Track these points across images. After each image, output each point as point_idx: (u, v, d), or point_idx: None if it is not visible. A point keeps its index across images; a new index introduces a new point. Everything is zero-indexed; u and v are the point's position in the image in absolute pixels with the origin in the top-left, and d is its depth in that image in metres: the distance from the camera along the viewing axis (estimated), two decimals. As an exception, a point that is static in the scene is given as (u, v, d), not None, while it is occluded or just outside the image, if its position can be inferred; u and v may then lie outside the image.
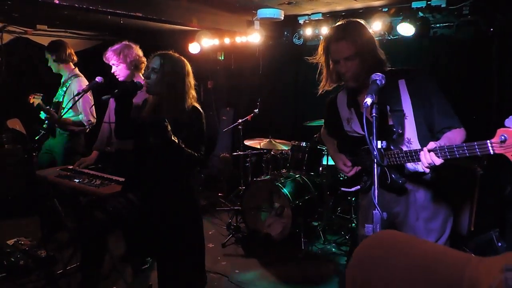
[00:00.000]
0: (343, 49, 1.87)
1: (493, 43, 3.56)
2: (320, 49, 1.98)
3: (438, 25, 3.85)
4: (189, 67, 2.44)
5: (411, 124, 1.87)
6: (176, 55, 2.44)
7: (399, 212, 1.97)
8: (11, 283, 3.03)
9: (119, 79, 3.05)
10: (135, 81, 2.53)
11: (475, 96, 3.69)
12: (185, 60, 2.45)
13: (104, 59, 3.05)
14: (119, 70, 3.02)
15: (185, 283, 2.51)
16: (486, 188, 2.99)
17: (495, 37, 3.55)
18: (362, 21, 1.95)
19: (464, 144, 1.51)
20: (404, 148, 1.86)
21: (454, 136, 1.79)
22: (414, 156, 1.74)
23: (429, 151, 1.60)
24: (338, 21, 2.02)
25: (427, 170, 1.69)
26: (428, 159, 1.61)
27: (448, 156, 1.56)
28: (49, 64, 3.73)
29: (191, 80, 2.43)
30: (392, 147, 1.88)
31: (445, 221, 1.97)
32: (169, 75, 2.33)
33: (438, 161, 1.58)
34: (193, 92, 2.43)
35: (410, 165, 1.90)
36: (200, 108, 2.44)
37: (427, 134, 1.87)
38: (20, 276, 3.09)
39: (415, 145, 1.87)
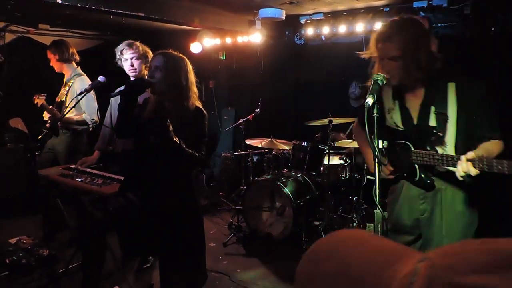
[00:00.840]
0: (388, 49, 1.86)
1: (494, 42, 3.57)
2: (372, 43, 1.96)
3: (439, 24, 3.85)
4: (190, 65, 2.45)
5: (451, 129, 1.86)
6: (176, 53, 2.45)
7: (425, 209, 1.97)
8: (13, 281, 3.05)
9: (134, 74, 3.07)
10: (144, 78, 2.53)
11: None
12: (185, 57, 2.46)
13: (117, 54, 3.04)
14: (137, 65, 3.05)
15: (186, 282, 2.52)
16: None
17: (496, 37, 3.55)
18: (417, 18, 1.93)
19: (505, 162, 1.51)
20: (440, 151, 1.86)
21: (493, 148, 1.77)
22: (451, 161, 1.74)
23: (468, 160, 1.60)
24: (394, 17, 1.99)
25: (461, 178, 1.68)
26: (464, 168, 1.60)
27: (486, 169, 1.56)
28: (51, 64, 3.74)
29: (193, 77, 2.44)
30: (427, 147, 1.88)
31: (468, 225, 1.94)
32: (173, 72, 2.34)
33: (474, 171, 1.58)
34: (195, 89, 2.44)
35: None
36: (203, 109, 2.45)
37: (464, 140, 1.86)
38: (22, 275, 3.10)
39: (450, 149, 1.86)
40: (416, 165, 1.93)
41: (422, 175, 1.91)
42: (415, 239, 2.08)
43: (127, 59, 3.03)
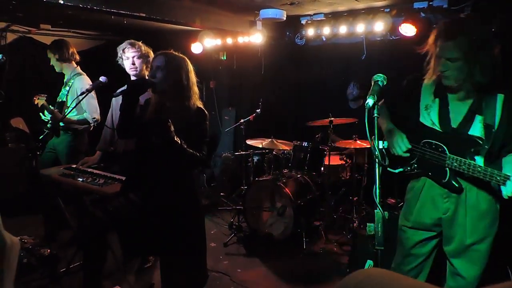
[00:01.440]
0: (449, 49, 1.80)
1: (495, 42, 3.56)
2: (431, 39, 1.90)
3: (440, 25, 3.86)
4: (190, 65, 2.46)
5: (492, 141, 1.83)
6: (177, 53, 2.46)
7: (448, 208, 1.97)
8: (15, 281, 3.05)
9: (135, 72, 3.09)
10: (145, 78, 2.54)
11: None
12: (185, 57, 2.47)
13: (119, 53, 3.06)
14: (138, 64, 3.07)
15: (187, 282, 2.53)
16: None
17: (497, 37, 3.55)
18: (481, 20, 1.88)
19: None
20: (471, 161, 1.83)
21: None
22: (497, 178, 1.72)
23: None
24: (459, 14, 1.94)
25: (506, 197, 1.68)
26: None
27: None
28: (51, 63, 3.75)
29: (194, 77, 2.46)
30: (465, 156, 1.85)
31: (491, 224, 1.95)
32: (174, 72, 2.35)
33: None
34: (196, 89, 2.46)
35: None
36: (204, 109, 2.46)
37: (495, 152, 1.85)
38: (23, 274, 3.11)
39: (479, 159, 1.85)
40: (447, 168, 1.90)
41: (452, 179, 1.90)
42: (434, 236, 2.08)
43: (129, 57, 3.04)
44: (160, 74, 2.34)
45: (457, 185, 1.90)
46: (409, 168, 2.06)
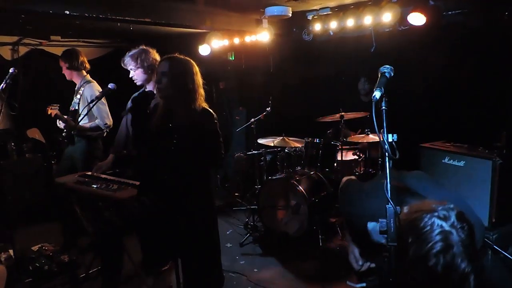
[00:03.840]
0: None
1: (509, 28, 3.46)
2: None
3: (450, 12, 3.75)
4: (196, 67, 2.47)
5: None
6: (182, 56, 2.47)
7: None
8: (37, 287, 3.12)
9: (137, 84, 3.11)
10: (146, 90, 2.57)
11: (489, 85, 3.59)
12: (191, 60, 2.48)
13: (122, 65, 3.10)
14: (137, 75, 3.07)
15: (204, 283, 2.54)
16: (507, 178, 2.91)
17: (511, 22, 3.44)
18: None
19: None
20: None
21: None
22: None
23: None
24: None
25: None
26: None
27: None
28: (63, 72, 3.82)
29: (200, 79, 2.47)
30: None
31: None
32: (179, 76, 2.37)
33: None
34: (202, 92, 2.47)
35: None
36: (210, 109, 2.47)
37: None
38: (45, 281, 3.18)
39: None
40: None
41: None
42: None
43: (130, 70, 3.08)
44: (164, 80, 2.36)
45: None
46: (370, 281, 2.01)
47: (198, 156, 2.36)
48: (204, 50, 5.18)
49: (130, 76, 3.08)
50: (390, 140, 1.79)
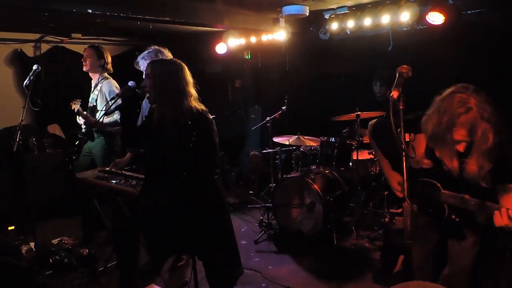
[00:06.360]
0: None
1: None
2: None
3: (469, 11, 3.70)
4: (183, 66, 2.40)
5: None
6: (169, 57, 2.48)
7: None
8: (57, 279, 3.22)
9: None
10: (136, 89, 2.57)
11: (510, 85, 3.53)
12: (177, 60, 2.44)
13: (136, 66, 3.15)
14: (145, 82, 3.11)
15: (226, 274, 2.56)
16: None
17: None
18: None
19: None
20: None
21: None
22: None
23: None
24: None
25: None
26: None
27: None
28: (83, 60, 3.84)
29: (188, 78, 2.39)
30: None
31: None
32: (160, 77, 2.35)
33: None
34: (192, 91, 2.39)
35: None
36: (207, 114, 2.40)
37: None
38: (65, 273, 3.27)
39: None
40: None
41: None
42: None
43: (143, 71, 3.10)
44: (147, 82, 2.38)
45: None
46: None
47: (186, 160, 2.30)
48: (221, 48, 5.22)
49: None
50: (407, 139, 1.81)
